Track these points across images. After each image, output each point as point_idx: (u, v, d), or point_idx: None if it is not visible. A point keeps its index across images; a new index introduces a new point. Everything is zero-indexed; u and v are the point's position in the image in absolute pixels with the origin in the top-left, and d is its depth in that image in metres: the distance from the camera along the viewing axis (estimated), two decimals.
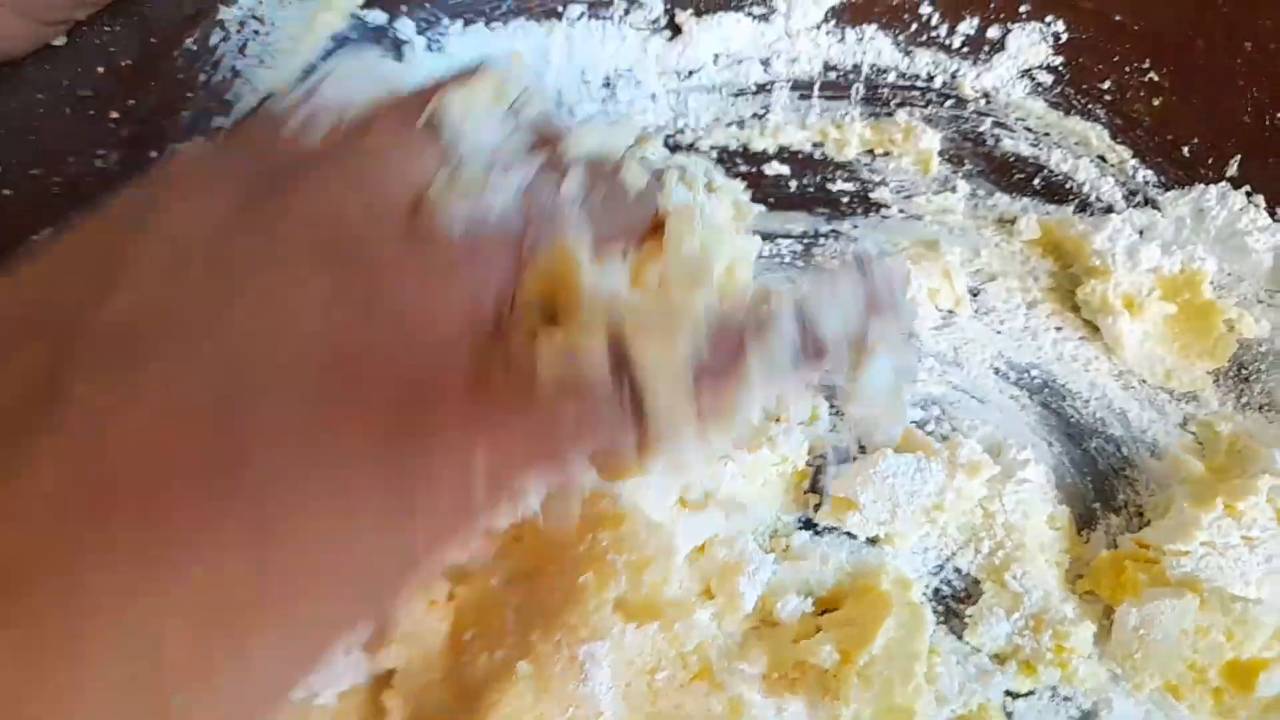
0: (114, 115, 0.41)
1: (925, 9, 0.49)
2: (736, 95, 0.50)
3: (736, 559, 0.39)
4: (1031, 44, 0.47)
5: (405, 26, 0.47)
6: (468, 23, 0.48)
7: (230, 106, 0.44)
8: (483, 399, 0.23)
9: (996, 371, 0.47)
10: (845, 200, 0.50)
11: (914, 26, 0.49)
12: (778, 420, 0.43)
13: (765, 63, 0.50)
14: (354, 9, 0.46)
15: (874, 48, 0.49)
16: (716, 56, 0.50)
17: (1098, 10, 0.46)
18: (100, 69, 0.41)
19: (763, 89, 0.50)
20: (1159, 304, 0.45)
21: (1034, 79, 0.48)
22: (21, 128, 0.40)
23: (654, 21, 0.50)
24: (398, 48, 0.48)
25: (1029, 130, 0.48)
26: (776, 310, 0.25)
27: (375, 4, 0.47)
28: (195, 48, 0.43)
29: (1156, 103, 0.46)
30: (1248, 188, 0.44)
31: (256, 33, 0.44)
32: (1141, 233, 0.46)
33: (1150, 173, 0.46)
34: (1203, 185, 0.44)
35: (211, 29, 0.43)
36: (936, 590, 0.44)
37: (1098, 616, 0.42)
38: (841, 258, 0.48)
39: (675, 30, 0.50)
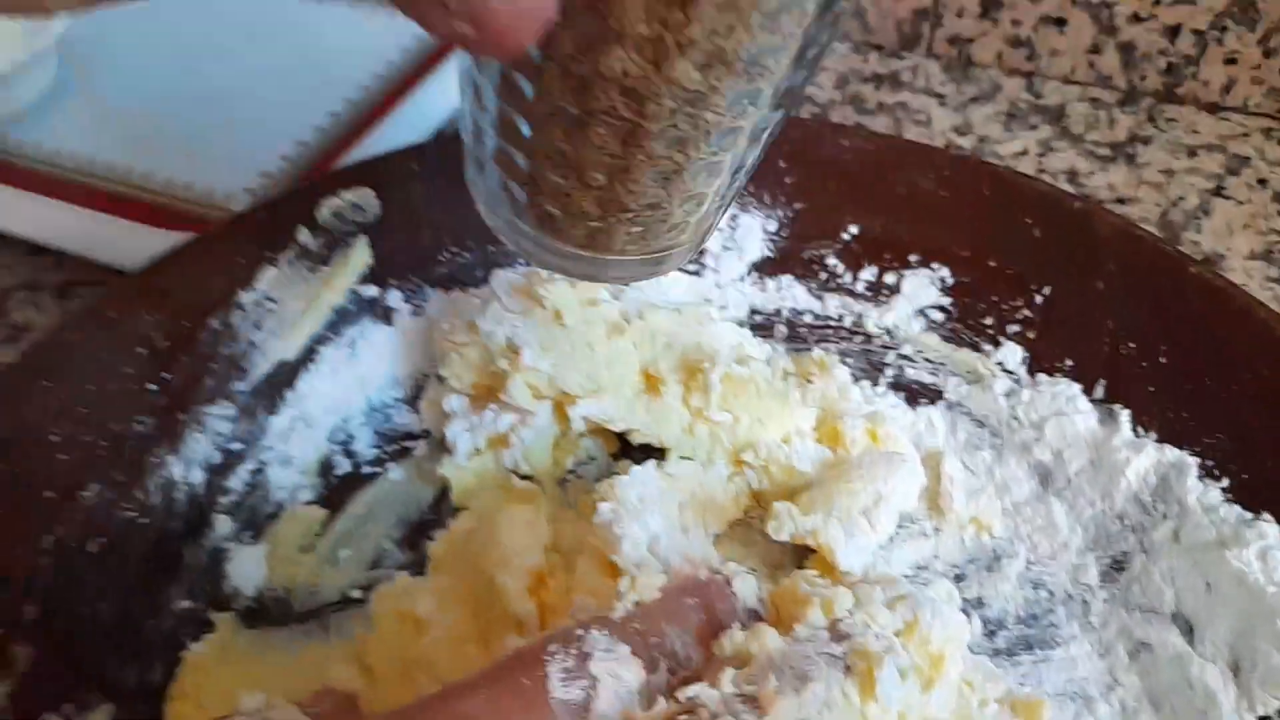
0: (151, 388, 0.50)
1: (832, 261, 0.57)
2: None
3: None
4: (923, 287, 0.55)
5: (393, 296, 0.57)
6: (447, 289, 0.58)
7: (247, 373, 0.53)
8: None
9: None
10: None
11: (823, 276, 0.58)
12: None
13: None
14: (352, 285, 0.56)
15: (791, 294, 0.58)
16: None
17: (974, 257, 0.54)
18: (141, 349, 0.50)
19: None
20: None
21: (928, 317, 0.56)
22: (77, 403, 0.48)
23: None
24: (387, 314, 0.57)
25: (928, 360, 0.55)
26: None
27: (369, 279, 0.56)
28: (218, 326, 0.52)
29: (1031, 335, 0.53)
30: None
31: (270, 310, 0.54)
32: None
33: (1029, 393, 0.52)
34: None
35: (232, 311, 0.53)
36: None
37: None
38: None
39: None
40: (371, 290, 0.56)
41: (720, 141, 0.31)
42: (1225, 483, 0.46)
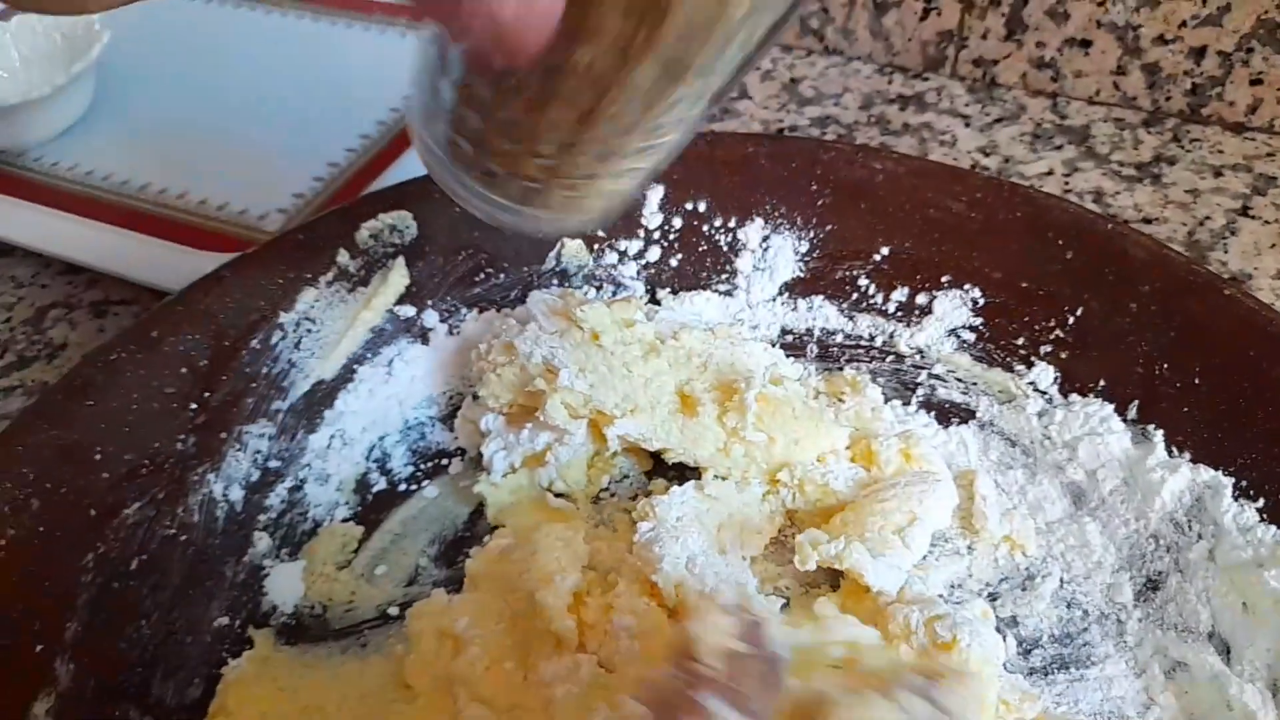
0: (192, 407, 0.50)
1: (863, 281, 0.58)
2: None
3: None
4: (954, 308, 0.56)
5: (430, 317, 0.58)
6: (482, 310, 0.59)
7: (286, 392, 0.54)
8: None
9: None
10: None
11: (854, 296, 0.58)
12: None
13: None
14: (389, 306, 0.57)
15: (822, 314, 0.58)
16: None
17: (1006, 279, 0.55)
18: (183, 369, 0.51)
19: None
20: None
21: (959, 337, 0.56)
22: (120, 421, 0.49)
23: (639, 298, 0.59)
24: (424, 334, 0.58)
25: (959, 380, 0.56)
26: None
27: (406, 300, 0.57)
28: (259, 346, 0.53)
29: (1063, 356, 0.53)
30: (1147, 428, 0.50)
31: (309, 331, 0.54)
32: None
33: (1062, 413, 0.52)
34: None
35: (273, 331, 0.53)
36: None
37: None
38: None
39: (655, 303, 0.59)
40: (409, 310, 0.57)
41: (659, 130, 0.35)
42: (1261, 503, 0.46)
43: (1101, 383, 0.52)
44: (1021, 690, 0.44)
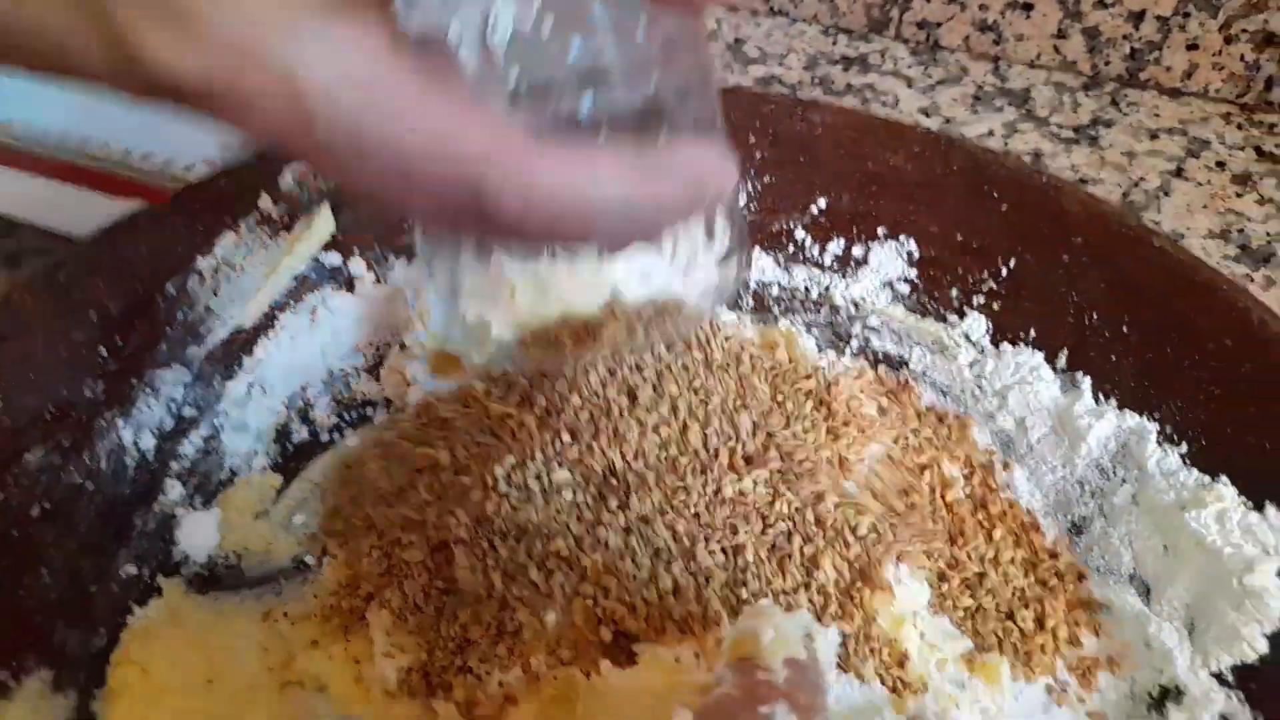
0: (103, 353, 0.48)
1: (799, 233, 0.57)
2: None
3: None
4: (890, 260, 0.55)
5: (356, 264, 0.56)
6: (410, 259, 0.57)
7: (203, 338, 0.52)
8: None
9: None
10: None
11: (791, 248, 0.57)
12: None
13: None
14: (314, 253, 0.55)
15: (758, 266, 0.58)
16: None
17: (941, 232, 0.55)
18: (93, 315, 0.49)
19: None
20: None
21: (894, 289, 0.56)
22: (22, 365, 0.46)
23: None
24: (350, 282, 0.56)
25: (893, 331, 0.55)
26: None
27: (331, 247, 0.55)
28: (175, 292, 0.51)
29: (995, 306, 0.53)
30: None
31: (229, 277, 0.52)
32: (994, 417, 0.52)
33: (993, 362, 0.52)
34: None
35: (190, 276, 0.51)
36: None
37: None
38: None
39: None
40: (334, 258, 0.55)
41: None
42: (1184, 448, 0.46)
43: (1032, 332, 0.52)
44: (944, 631, 0.44)
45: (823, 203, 0.56)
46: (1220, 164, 0.71)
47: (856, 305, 0.56)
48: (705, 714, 0.29)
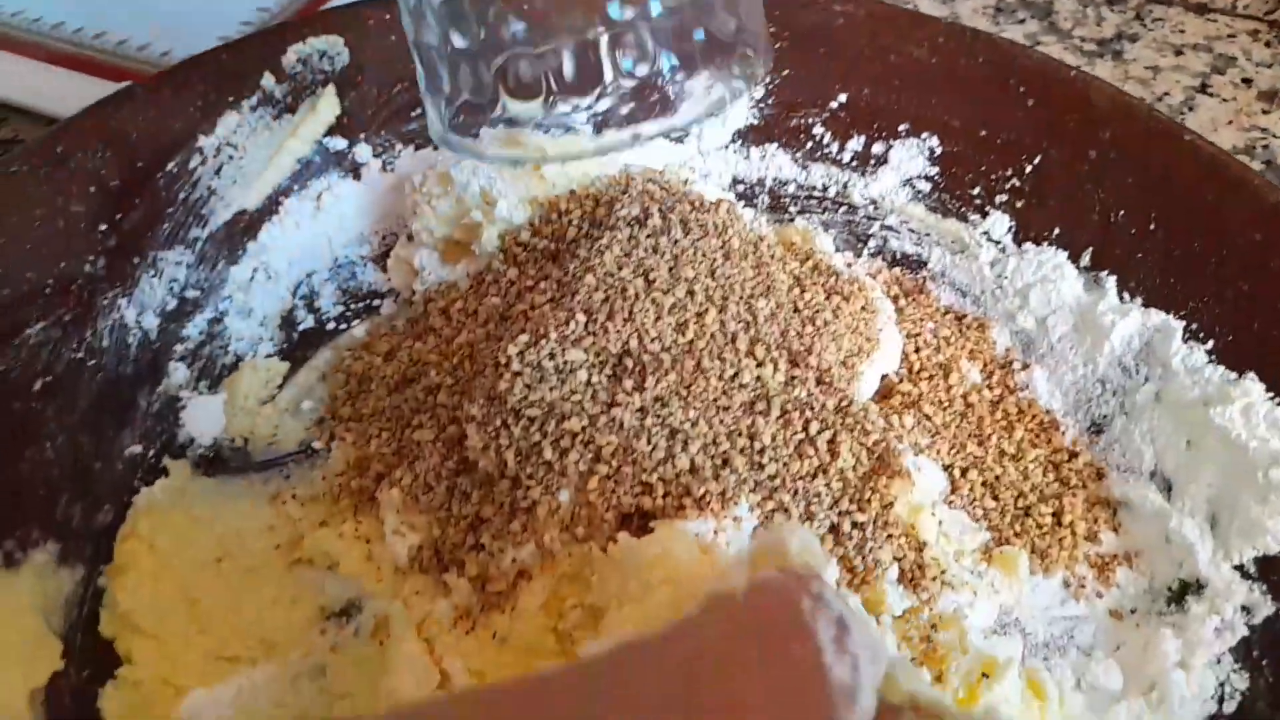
0: (103, 228, 0.47)
1: (818, 130, 0.56)
2: None
3: None
4: (911, 157, 0.54)
5: (363, 151, 0.54)
6: (418, 147, 0.55)
7: (206, 220, 0.50)
8: None
9: None
10: None
11: (809, 145, 0.56)
12: None
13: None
14: (318, 136, 0.53)
15: (775, 164, 0.56)
16: None
17: (965, 127, 0.53)
18: (92, 189, 0.47)
19: None
20: None
21: (914, 187, 0.54)
22: (21, 238, 0.45)
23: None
24: (355, 169, 0.54)
25: (912, 231, 0.54)
26: None
27: (337, 132, 0.54)
28: (175, 170, 0.49)
29: (1019, 205, 0.52)
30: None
31: (231, 157, 0.51)
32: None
33: (1015, 261, 0.51)
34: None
35: (191, 154, 0.50)
36: None
37: None
38: None
39: None
40: (339, 143, 0.54)
41: None
42: (1210, 344, 0.45)
43: (1056, 231, 0.51)
44: (963, 524, 0.44)
45: (842, 97, 0.55)
46: (1247, 80, 0.69)
47: (875, 204, 0.55)
48: (754, 589, 0.27)
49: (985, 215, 0.52)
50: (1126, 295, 0.48)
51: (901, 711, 0.27)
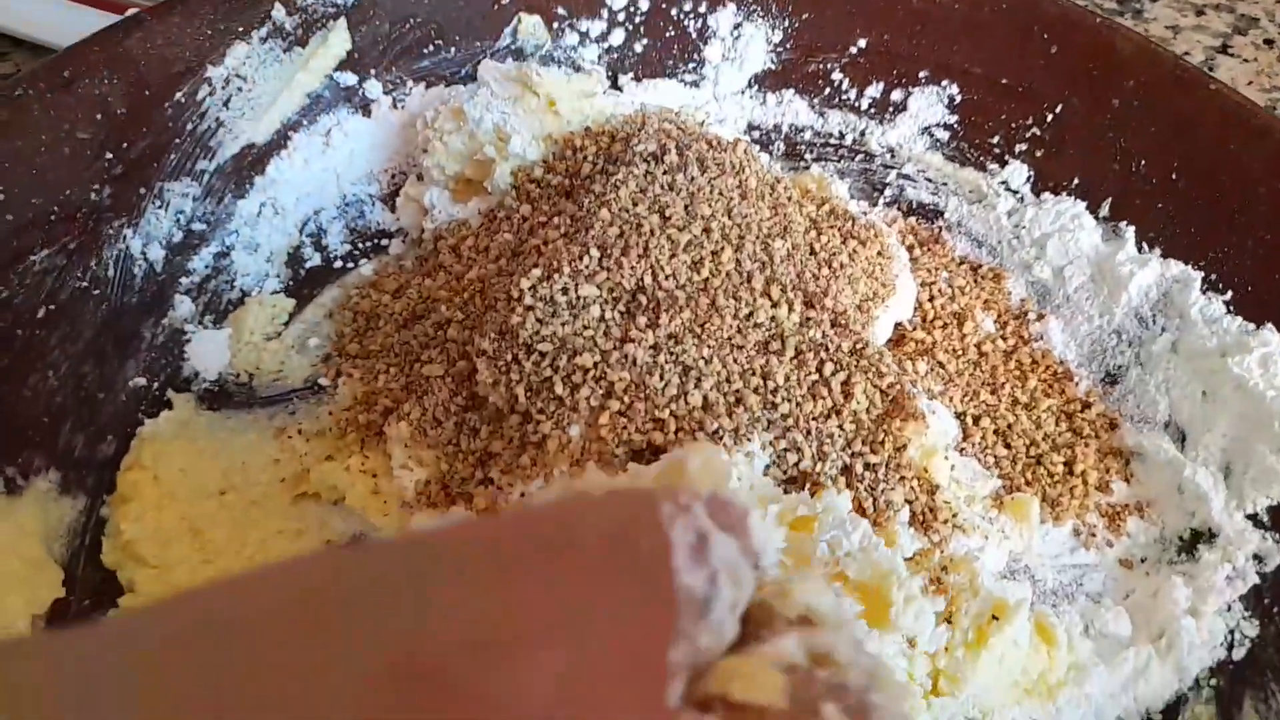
0: (109, 156, 0.46)
1: (836, 75, 0.55)
2: None
3: None
4: (930, 105, 0.53)
5: (373, 88, 0.53)
6: (429, 85, 0.54)
7: (213, 152, 0.49)
8: None
9: None
10: None
11: (826, 91, 0.55)
12: None
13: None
14: (328, 71, 0.52)
15: (792, 109, 0.55)
16: None
17: (986, 75, 0.52)
18: (99, 115, 0.46)
19: None
20: None
21: (933, 135, 0.54)
22: (27, 163, 0.44)
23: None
24: (365, 106, 0.53)
25: (929, 180, 0.53)
26: None
27: (347, 67, 0.53)
28: (183, 100, 0.48)
29: (1039, 154, 0.51)
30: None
31: (240, 89, 0.50)
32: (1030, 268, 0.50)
33: (1033, 211, 0.50)
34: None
35: (199, 85, 0.49)
36: None
37: None
38: None
39: (617, 89, 0.56)
40: (350, 78, 0.53)
41: None
42: (1228, 295, 0.45)
43: (1076, 181, 0.50)
44: (974, 470, 0.43)
45: (863, 42, 0.54)
46: (1269, 41, 0.68)
47: (892, 152, 0.54)
48: (613, 493, 0.26)
49: (1004, 164, 0.52)
50: (1145, 245, 0.48)
51: (784, 626, 0.23)
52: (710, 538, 0.23)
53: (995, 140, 0.52)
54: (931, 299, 0.49)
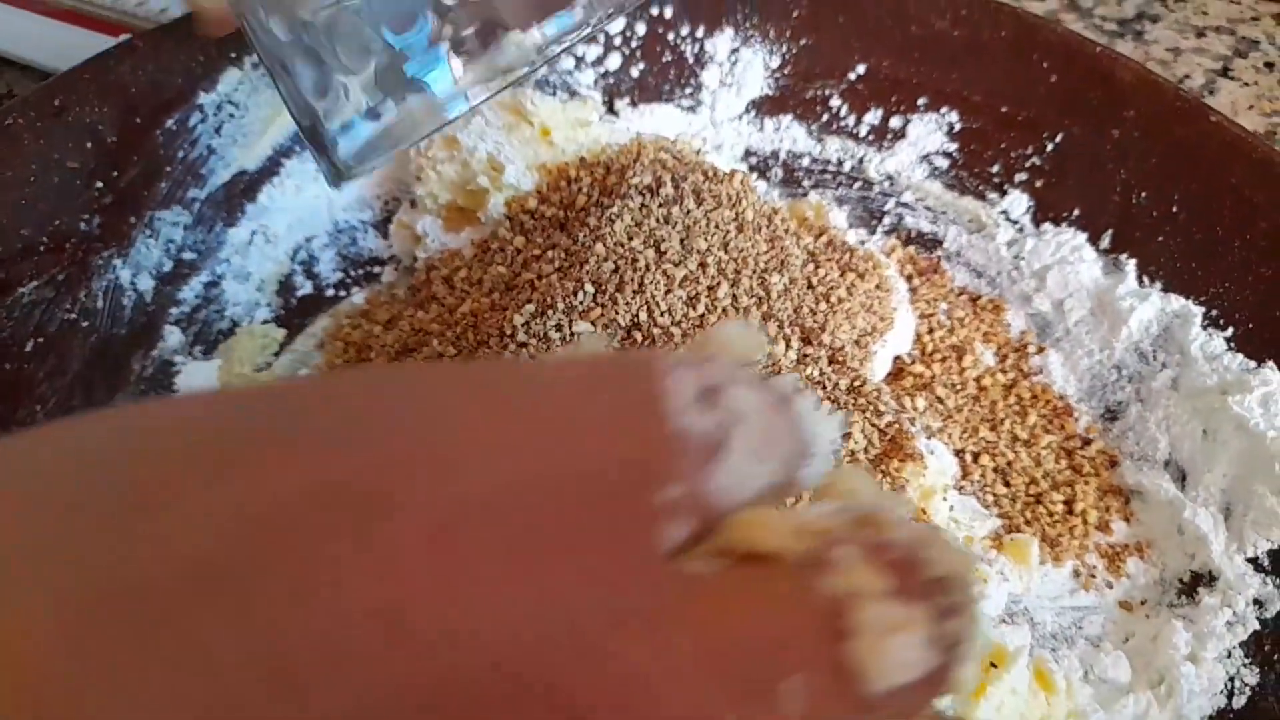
0: (99, 185, 0.46)
1: (835, 101, 0.54)
2: None
3: None
4: (929, 132, 0.53)
5: None
6: None
7: (204, 179, 0.49)
8: None
9: None
10: None
11: (825, 117, 0.55)
12: None
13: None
14: None
15: (789, 135, 0.55)
16: None
17: (985, 102, 0.52)
18: (88, 144, 0.46)
19: None
20: None
21: (932, 163, 0.53)
22: (15, 193, 0.44)
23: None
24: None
25: (928, 209, 0.53)
26: None
27: None
28: (175, 127, 0.48)
29: (1039, 184, 0.51)
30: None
31: (231, 115, 0.49)
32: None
33: (1033, 242, 0.50)
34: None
35: (190, 111, 0.48)
36: None
37: None
38: None
39: (613, 114, 0.55)
40: None
41: None
42: (1229, 331, 0.44)
43: (1076, 212, 0.50)
44: (972, 510, 0.43)
45: (861, 68, 0.53)
46: (1269, 65, 0.68)
47: (891, 180, 0.54)
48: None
49: (1004, 194, 0.51)
50: (1146, 279, 0.47)
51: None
52: (725, 388, 0.18)
53: (995, 169, 0.52)
54: (930, 331, 0.49)
